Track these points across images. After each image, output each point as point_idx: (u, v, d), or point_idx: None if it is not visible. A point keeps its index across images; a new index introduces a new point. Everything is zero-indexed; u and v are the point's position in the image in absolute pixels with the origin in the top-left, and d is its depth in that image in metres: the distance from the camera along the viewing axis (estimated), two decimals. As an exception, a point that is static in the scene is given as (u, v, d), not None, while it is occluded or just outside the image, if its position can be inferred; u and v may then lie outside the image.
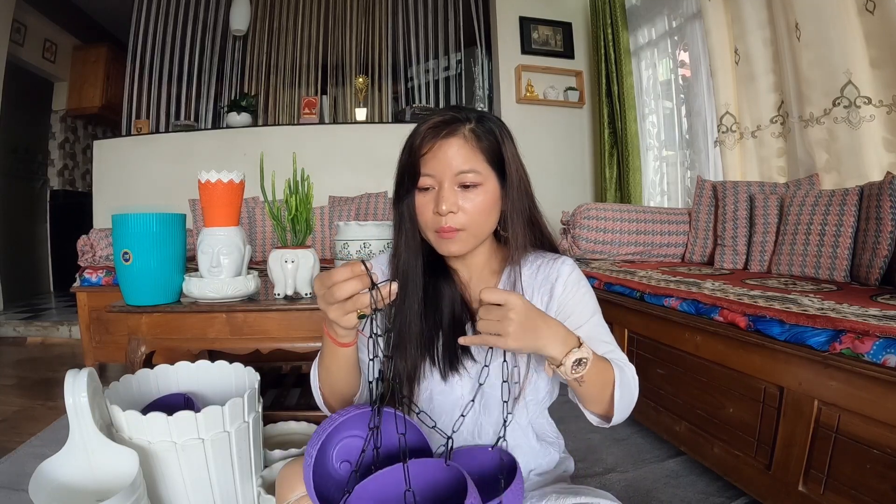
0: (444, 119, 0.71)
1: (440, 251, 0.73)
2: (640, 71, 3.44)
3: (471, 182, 0.70)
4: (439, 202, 0.69)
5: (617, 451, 1.62)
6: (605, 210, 2.36)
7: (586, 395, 0.68)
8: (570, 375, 0.63)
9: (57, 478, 0.93)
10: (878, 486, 0.93)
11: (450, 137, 0.70)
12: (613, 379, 0.67)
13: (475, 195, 0.70)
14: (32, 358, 2.89)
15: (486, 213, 0.72)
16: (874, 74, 1.83)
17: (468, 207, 0.70)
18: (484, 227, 0.73)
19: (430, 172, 0.70)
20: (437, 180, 0.70)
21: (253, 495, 1.12)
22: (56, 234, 4.74)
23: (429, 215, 0.71)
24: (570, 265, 0.77)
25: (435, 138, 0.70)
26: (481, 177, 0.70)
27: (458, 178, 0.70)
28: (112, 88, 4.72)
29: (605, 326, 0.76)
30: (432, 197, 0.71)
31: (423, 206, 0.72)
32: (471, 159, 0.70)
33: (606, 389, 0.67)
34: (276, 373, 1.93)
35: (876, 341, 0.93)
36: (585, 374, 0.63)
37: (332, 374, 0.73)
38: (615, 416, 0.69)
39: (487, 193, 0.71)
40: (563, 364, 0.62)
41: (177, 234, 1.35)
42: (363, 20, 4.30)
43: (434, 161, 0.70)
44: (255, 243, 3.02)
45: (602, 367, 0.67)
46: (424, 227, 0.73)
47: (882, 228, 1.51)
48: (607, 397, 0.68)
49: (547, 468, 0.82)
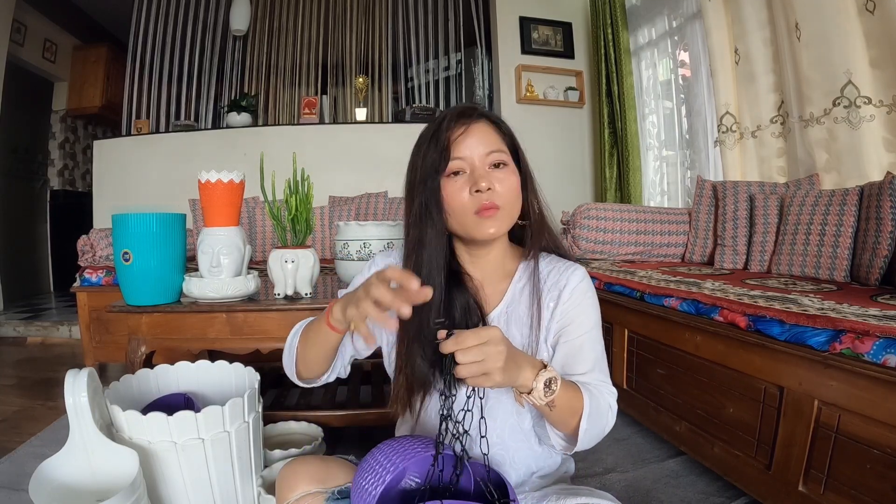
0: (466, 108, 0.75)
1: (478, 235, 0.72)
2: (640, 71, 3.44)
3: (501, 161, 0.72)
4: (478, 180, 0.70)
5: (617, 451, 1.62)
6: (605, 210, 2.36)
7: (555, 420, 0.68)
8: (543, 399, 0.63)
9: (57, 478, 0.93)
10: (878, 486, 0.92)
11: (478, 121, 0.73)
12: (582, 408, 0.67)
13: (505, 175, 0.72)
14: (32, 358, 2.89)
15: (516, 193, 0.74)
16: (874, 74, 1.84)
17: (501, 187, 0.71)
18: (515, 207, 0.74)
19: (460, 155, 0.71)
20: (469, 162, 0.71)
21: (253, 495, 1.12)
22: (56, 234, 4.74)
23: (464, 198, 0.71)
24: (581, 274, 0.77)
25: (464, 122, 0.72)
26: (507, 157, 0.73)
27: (489, 157, 0.72)
28: (112, 88, 4.72)
29: (600, 343, 0.76)
30: (464, 180, 0.71)
31: (455, 191, 0.71)
32: (497, 141, 0.73)
33: (573, 418, 0.67)
34: (276, 373, 1.93)
35: (876, 341, 0.93)
36: (556, 398, 0.63)
37: (312, 349, 0.76)
38: (579, 445, 0.69)
39: (514, 175, 0.74)
40: (534, 389, 0.62)
41: (177, 234, 1.35)
42: (363, 20, 4.30)
43: (463, 145, 0.71)
44: (255, 243, 3.02)
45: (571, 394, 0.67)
46: (461, 211, 0.71)
47: (882, 228, 1.51)
48: (573, 427, 0.68)
49: (549, 470, 0.82)
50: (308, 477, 0.73)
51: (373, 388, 1.73)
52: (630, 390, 1.74)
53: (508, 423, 0.77)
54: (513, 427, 0.77)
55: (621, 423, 1.80)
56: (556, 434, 0.71)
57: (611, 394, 0.73)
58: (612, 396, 0.73)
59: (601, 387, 0.72)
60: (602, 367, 0.75)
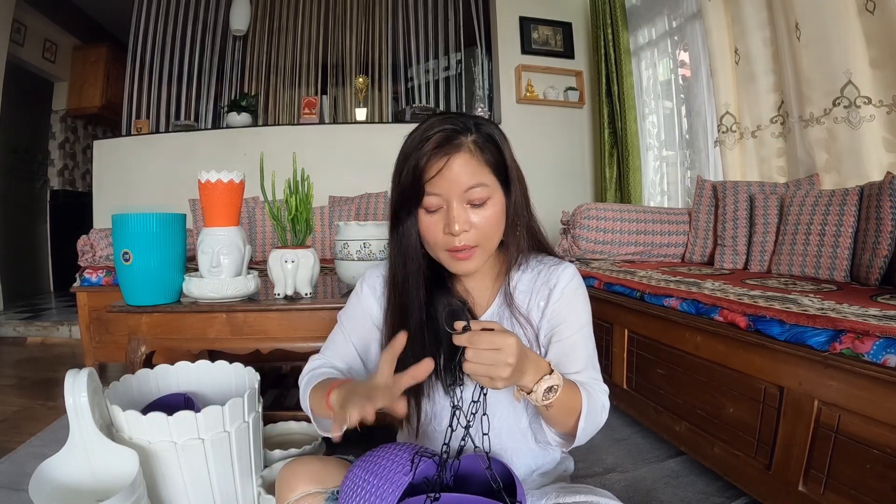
0: (446, 134, 0.67)
1: (454, 271, 0.72)
2: (640, 71, 3.44)
3: (479, 199, 0.68)
4: (451, 222, 0.67)
5: (617, 451, 1.62)
6: (605, 210, 2.36)
7: (552, 419, 0.68)
8: (540, 402, 0.63)
9: (57, 478, 0.93)
10: (878, 486, 0.92)
11: (456, 153, 0.67)
12: (580, 408, 0.67)
13: (484, 210, 0.69)
14: (32, 358, 2.89)
15: (496, 226, 0.71)
16: (874, 74, 1.83)
17: (479, 223, 0.68)
18: (494, 239, 0.72)
19: (437, 192, 0.68)
20: (445, 199, 0.68)
21: (253, 495, 1.12)
22: (56, 234, 4.74)
23: (439, 235, 0.69)
24: (570, 273, 0.77)
25: (440, 156, 0.67)
26: (489, 190, 0.69)
27: (466, 194, 0.67)
28: (112, 88, 4.72)
29: (591, 340, 0.76)
30: (441, 216, 0.69)
31: (430, 225, 0.70)
32: (477, 173, 0.68)
33: (571, 417, 0.67)
34: (276, 373, 1.93)
35: (876, 341, 0.93)
36: (555, 401, 0.64)
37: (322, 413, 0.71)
38: (576, 442, 0.70)
39: (496, 206, 0.70)
40: (534, 392, 0.62)
41: (177, 234, 1.35)
42: (363, 20, 4.30)
43: (440, 180, 0.67)
44: (255, 243, 3.02)
45: (569, 395, 0.66)
46: (434, 246, 0.71)
47: (882, 228, 1.51)
48: (571, 423, 0.68)
49: (548, 468, 0.82)
50: (307, 477, 0.73)
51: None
52: (630, 390, 1.74)
53: (506, 423, 0.77)
54: (510, 427, 0.77)
55: (621, 423, 1.80)
56: (552, 431, 0.72)
57: (604, 392, 0.73)
58: (605, 394, 0.73)
59: (595, 385, 0.73)
60: (594, 365, 0.76)
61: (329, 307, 1.33)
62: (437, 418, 0.77)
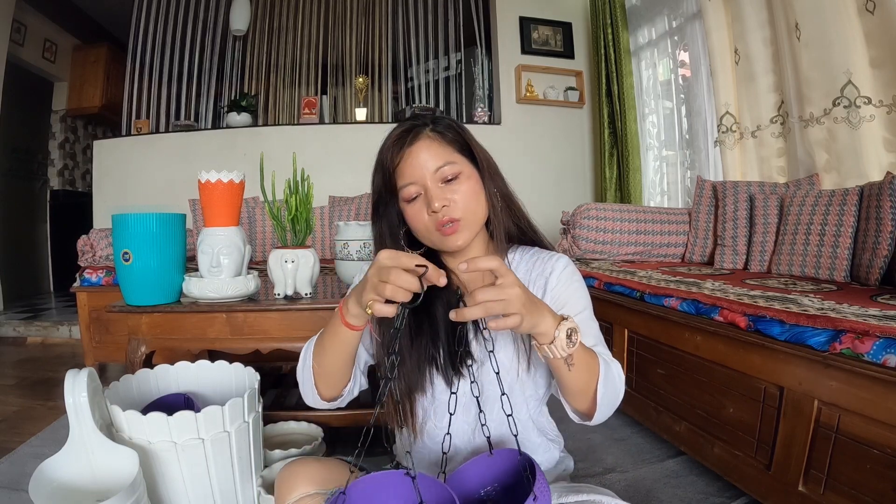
0: (405, 128, 0.74)
1: (446, 248, 0.74)
2: (640, 71, 3.44)
3: (451, 174, 0.72)
4: (431, 201, 0.70)
5: (617, 451, 1.62)
6: (605, 210, 2.36)
7: (573, 383, 0.66)
8: (565, 350, 0.61)
9: (57, 478, 0.93)
10: (878, 486, 0.93)
11: (416, 141, 0.72)
12: (598, 370, 0.66)
13: (459, 184, 0.72)
14: (32, 358, 2.89)
15: (475, 198, 0.73)
16: (874, 74, 1.84)
17: (458, 198, 0.72)
18: (477, 212, 0.74)
19: (410, 180, 0.72)
20: (420, 184, 0.72)
21: (253, 495, 1.12)
22: (56, 234, 4.74)
23: (424, 220, 0.72)
24: (565, 261, 0.78)
25: (402, 147, 0.72)
26: (458, 166, 0.73)
27: (438, 174, 0.71)
28: (112, 88, 4.72)
29: (594, 322, 0.76)
30: (422, 202, 0.72)
31: (415, 213, 0.73)
32: (443, 154, 0.72)
33: (592, 380, 0.66)
34: (276, 373, 1.93)
35: (876, 341, 0.93)
36: (575, 355, 0.62)
37: (330, 358, 0.73)
38: (598, 414, 0.68)
39: (469, 179, 0.73)
40: (556, 338, 0.60)
41: (177, 234, 1.35)
42: (363, 20, 4.30)
43: (410, 168, 0.72)
44: (255, 243, 3.02)
45: (589, 354, 0.66)
46: (425, 231, 0.73)
47: (882, 228, 1.51)
48: (592, 390, 0.67)
49: (548, 466, 0.83)
50: (307, 478, 0.73)
51: (372, 388, 1.73)
52: (630, 390, 1.74)
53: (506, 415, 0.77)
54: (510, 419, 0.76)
55: (621, 423, 1.80)
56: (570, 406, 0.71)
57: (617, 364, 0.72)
58: (618, 366, 0.72)
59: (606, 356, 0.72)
60: (603, 343, 0.75)
61: (329, 307, 1.33)
62: (437, 415, 0.77)
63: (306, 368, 0.77)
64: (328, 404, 0.80)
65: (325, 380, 0.76)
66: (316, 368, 0.76)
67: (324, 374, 0.76)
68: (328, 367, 0.75)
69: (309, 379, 0.77)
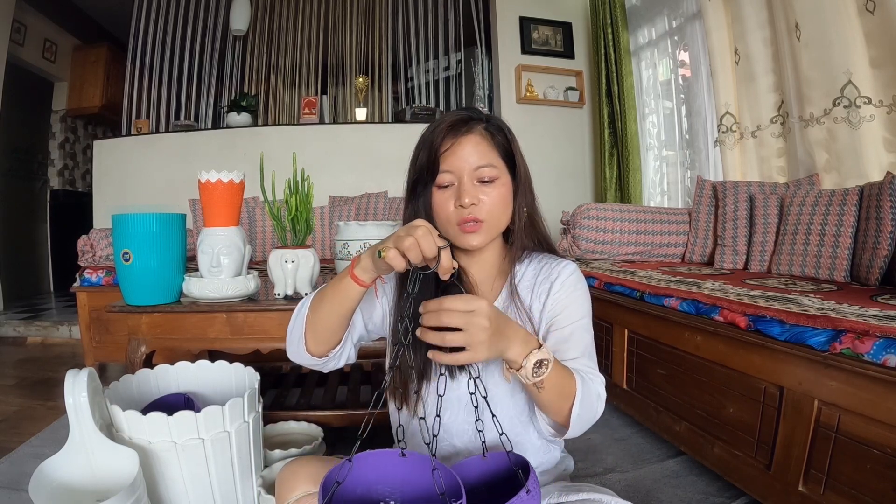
0: (461, 118, 0.74)
1: (461, 245, 0.74)
2: (640, 71, 3.44)
3: (489, 176, 0.73)
4: (462, 195, 0.71)
5: (617, 451, 1.62)
6: (605, 210, 2.36)
7: (544, 402, 0.67)
8: (531, 379, 0.62)
9: (57, 478, 0.93)
10: (878, 486, 0.92)
11: (468, 134, 0.73)
12: (574, 393, 0.66)
13: (492, 188, 0.73)
14: (32, 358, 2.89)
15: (503, 206, 0.74)
16: (874, 74, 1.83)
17: (487, 200, 0.72)
18: (501, 219, 0.75)
19: (449, 168, 0.73)
20: (457, 175, 0.73)
21: (253, 495, 1.12)
22: (56, 234, 4.74)
23: (450, 210, 0.73)
24: (571, 268, 0.79)
25: (454, 136, 0.73)
26: (497, 171, 0.74)
27: (476, 172, 0.72)
28: (112, 88, 4.72)
29: (589, 333, 0.77)
30: (452, 192, 0.73)
31: (443, 202, 0.74)
32: (487, 154, 0.73)
33: (564, 403, 0.67)
34: (276, 373, 1.93)
35: (876, 341, 0.93)
36: (545, 380, 0.63)
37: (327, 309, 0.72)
38: (570, 431, 0.69)
39: (503, 187, 0.74)
40: (523, 367, 0.62)
41: (177, 234, 1.35)
42: (363, 20, 4.30)
43: (453, 157, 0.72)
44: (255, 243, 3.02)
45: (563, 377, 0.66)
46: (445, 222, 0.74)
47: (882, 228, 1.51)
48: (565, 410, 0.67)
49: (549, 466, 0.83)
50: (307, 478, 0.73)
51: (373, 388, 1.73)
52: (630, 390, 1.74)
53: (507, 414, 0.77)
54: (511, 419, 0.76)
55: (621, 423, 1.80)
56: (545, 419, 0.71)
57: (600, 381, 0.72)
58: (601, 384, 0.72)
59: (590, 373, 0.72)
60: (591, 356, 0.76)
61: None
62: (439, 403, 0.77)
63: (300, 317, 0.76)
64: (309, 361, 0.77)
65: (315, 333, 0.74)
66: (310, 317, 0.74)
67: (316, 326, 0.74)
68: (323, 320, 0.73)
69: (300, 327, 0.75)
